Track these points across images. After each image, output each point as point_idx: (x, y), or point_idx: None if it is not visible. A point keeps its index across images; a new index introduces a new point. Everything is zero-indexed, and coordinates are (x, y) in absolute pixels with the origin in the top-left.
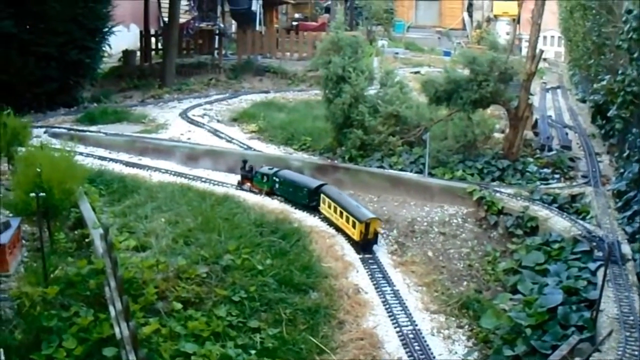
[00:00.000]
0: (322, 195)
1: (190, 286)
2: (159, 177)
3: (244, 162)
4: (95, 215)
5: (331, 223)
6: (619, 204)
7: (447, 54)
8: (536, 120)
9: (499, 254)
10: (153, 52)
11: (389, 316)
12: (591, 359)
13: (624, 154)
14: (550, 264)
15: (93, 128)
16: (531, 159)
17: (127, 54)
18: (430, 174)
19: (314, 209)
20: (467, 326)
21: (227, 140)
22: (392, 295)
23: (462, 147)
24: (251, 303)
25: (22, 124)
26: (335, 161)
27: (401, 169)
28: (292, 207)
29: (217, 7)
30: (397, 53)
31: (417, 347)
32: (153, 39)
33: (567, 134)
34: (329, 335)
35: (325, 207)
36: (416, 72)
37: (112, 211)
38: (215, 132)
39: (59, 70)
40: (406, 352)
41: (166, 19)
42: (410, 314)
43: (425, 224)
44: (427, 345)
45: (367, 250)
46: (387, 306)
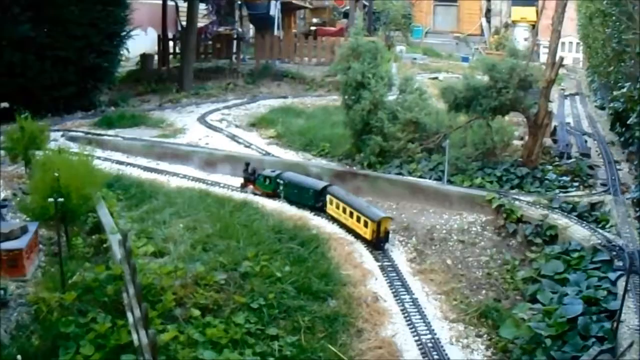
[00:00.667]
0: (328, 196)
1: (209, 293)
2: (177, 182)
3: (247, 164)
4: (113, 220)
5: (339, 223)
6: (639, 213)
7: (465, 59)
8: (555, 128)
9: (518, 263)
10: (171, 56)
11: (408, 325)
12: None
13: None
14: (570, 273)
15: (111, 132)
16: (550, 167)
17: (144, 57)
18: (449, 181)
19: (320, 210)
20: (486, 335)
21: (246, 146)
22: (411, 303)
23: (481, 154)
24: (270, 310)
25: (40, 127)
26: (354, 168)
27: (420, 176)
28: (301, 209)
29: (235, 12)
30: (415, 59)
31: (435, 356)
32: (171, 43)
33: (586, 141)
34: (347, 343)
35: (333, 207)
36: (434, 78)
37: (130, 216)
38: (233, 137)
39: (76, 74)
40: None
41: (184, 23)
42: (429, 323)
43: (444, 231)
44: (446, 354)
45: (378, 248)
46: (406, 314)
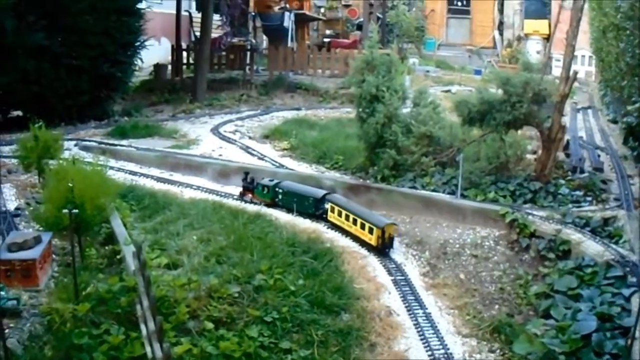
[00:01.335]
0: (330, 203)
1: (222, 306)
2: (190, 194)
3: (246, 173)
4: (127, 231)
5: (342, 230)
6: None
7: (478, 72)
8: (567, 142)
9: (531, 278)
10: (184, 67)
11: (421, 339)
12: None
13: None
14: (583, 289)
15: (124, 142)
16: (563, 181)
17: (158, 67)
18: (463, 195)
19: (319, 218)
20: (498, 351)
21: (259, 158)
22: (424, 318)
23: (494, 168)
24: (283, 324)
25: (53, 136)
26: (368, 181)
27: (433, 190)
28: (301, 217)
29: (249, 23)
30: (428, 71)
31: None
32: (184, 53)
33: (599, 155)
34: (360, 357)
35: (335, 215)
36: (447, 91)
37: (144, 227)
38: (247, 149)
39: (90, 83)
40: None
41: (198, 34)
42: (442, 338)
43: (457, 246)
44: None
45: (383, 254)
46: (419, 329)
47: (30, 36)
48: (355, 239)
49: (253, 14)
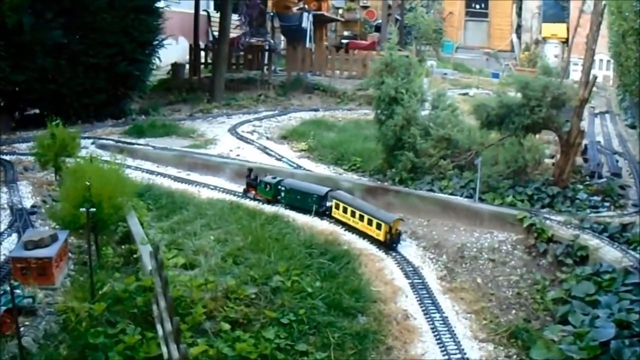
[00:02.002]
0: (334, 200)
1: (239, 307)
2: (208, 194)
3: (249, 170)
4: (144, 230)
5: (347, 226)
6: None
7: (496, 75)
8: (585, 146)
9: (548, 283)
10: (202, 66)
11: (438, 343)
12: None
13: None
14: (601, 295)
15: (141, 141)
16: (581, 186)
17: (176, 67)
18: (481, 199)
19: (322, 215)
20: (515, 356)
21: (277, 159)
22: (441, 322)
23: (512, 172)
24: (300, 326)
25: (70, 134)
26: (385, 183)
27: (451, 193)
28: (299, 213)
29: (267, 23)
30: (445, 74)
31: None
32: (202, 53)
33: (617, 160)
34: None
35: (340, 211)
36: (465, 94)
37: (161, 227)
38: (264, 150)
39: (108, 81)
40: None
41: (216, 33)
42: (458, 342)
43: (474, 249)
44: None
45: (391, 249)
46: (436, 333)
47: (48, 34)
48: (361, 234)
49: (271, 14)
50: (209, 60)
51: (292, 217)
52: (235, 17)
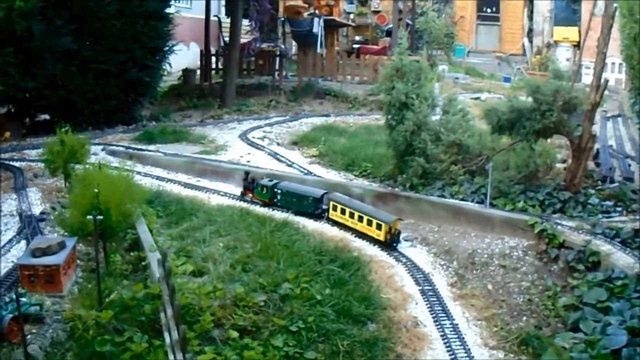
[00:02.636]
0: (331, 202)
1: (248, 314)
2: (217, 200)
3: (246, 173)
4: (153, 237)
5: (345, 227)
6: None
7: (507, 79)
8: (597, 151)
9: (560, 289)
10: (213, 72)
11: (448, 351)
12: None
13: None
14: (613, 302)
15: (151, 147)
16: (593, 191)
17: (186, 72)
18: (492, 205)
19: (319, 217)
20: None
21: (288, 165)
22: (451, 329)
23: (523, 177)
24: (309, 334)
25: (80, 141)
26: (396, 189)
27: (462, 199)
28: (298, 216)
29: (278, 28)
30: (457, 78)
31: None
32: (213, 59)
33: (629, 165)
34: None
35: (337, 213)
36: (476, 98)
37: (170, 234)
38: (275, 156)
39: (118, 87)
40: None
41: (227, 39)
42: (469, 349)
43: (485, 256)
44: None
45: (391, 248)
46: (446, 340)
47: (58, 40)
48: (360, 235)
49: (282, 19)
50: (220, 66)
51: (302, 224)
52: (246, 22)
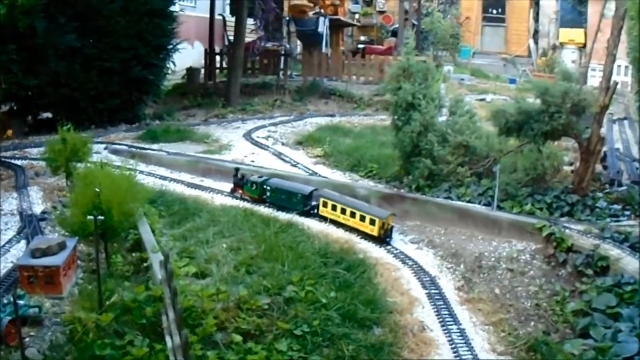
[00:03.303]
0: (322, 199)
1: (251, 318)
2: (221, 200)
3: (236, 170)
4: (155, 238)
5: (336, 223)
6: None
7: (513, 81)
8: (605, 154)
9: (568, 294)
10: (217, 71)
11: (455, 357)
12: None
13: None
14: (623, 308)
15: (155, 146)
16: (601, 194)
17: (191, 71)
18: (499, 208)
19: (308, 214)
20: None
21: (292, 165)
22: (459, 334)
23: (531, 180)
24: (314, 338)
25: (82, 140)
26: (402, 190)
27: (469, 201)
28: (285, 213)
29: (283, 28)
30: (462, 79)
31: None
32: (218, 58)
33: (637, 168)
34: None
35: (328, 209)
36: (482, 100)
37: (173, 234)
38: (279, 156)
39: (122, 86)
40: None
41: (232, 38)
42: (476, 355)
43: (493, 259)
44: None
45: (385, 242)
46: (453, 346)
47: (62, 38)
48: (352, 231)
49: (287, 19)
50: (225, 65)
51: (307, 225)
52: (251, 21)
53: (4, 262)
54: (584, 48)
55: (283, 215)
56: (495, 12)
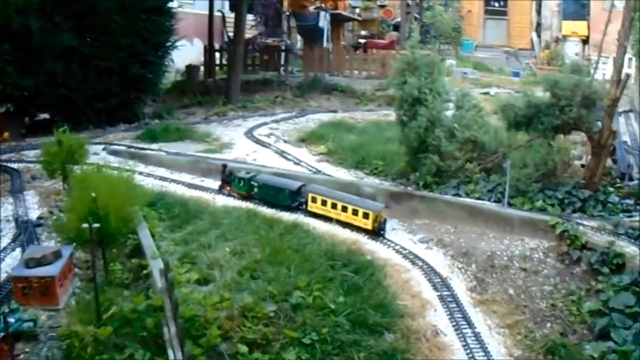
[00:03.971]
0: (310, 194)
1: (257, 326)
2: (223, 201)
3: (224, 166)
4: (155, 242)
5: (326, 218)
6: None
7: (516, 74)
8: (614, 147)
9: (584, 293)
10: (217, 68)
11: None
12: None
13: None
14: None
15: (154, 146)
16: (612, 189)
17: (190, 69)
18: (510, 204)
19: (296, 210)
20: None
21: (295, 163)
22: (473, 338)
23: (541, 175)
24: (323, 346)
25: (78, 141)
26: (409, 188)
27: (478, 198)
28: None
29: (283, 23)
30: (465, 73)
31: None
32: (217, 54)
33: None
34: None
35: (317, 204)
36: (486, 93)
37: (173, 238)
38: (282, 154)
39: (120, 85)
40: None
41: (231, 34)
42: None
43: (505, 258)
44: None
45: (378, 235)
46: (468, 350)
47: (58, 37)
48: (344, 225)
49: (287, 13)
50: (224, 62)
51: (312, 226)
52: (250, 17)
53: None
54: (586, 40)
55: (287, 216)
56: (497, 4)
